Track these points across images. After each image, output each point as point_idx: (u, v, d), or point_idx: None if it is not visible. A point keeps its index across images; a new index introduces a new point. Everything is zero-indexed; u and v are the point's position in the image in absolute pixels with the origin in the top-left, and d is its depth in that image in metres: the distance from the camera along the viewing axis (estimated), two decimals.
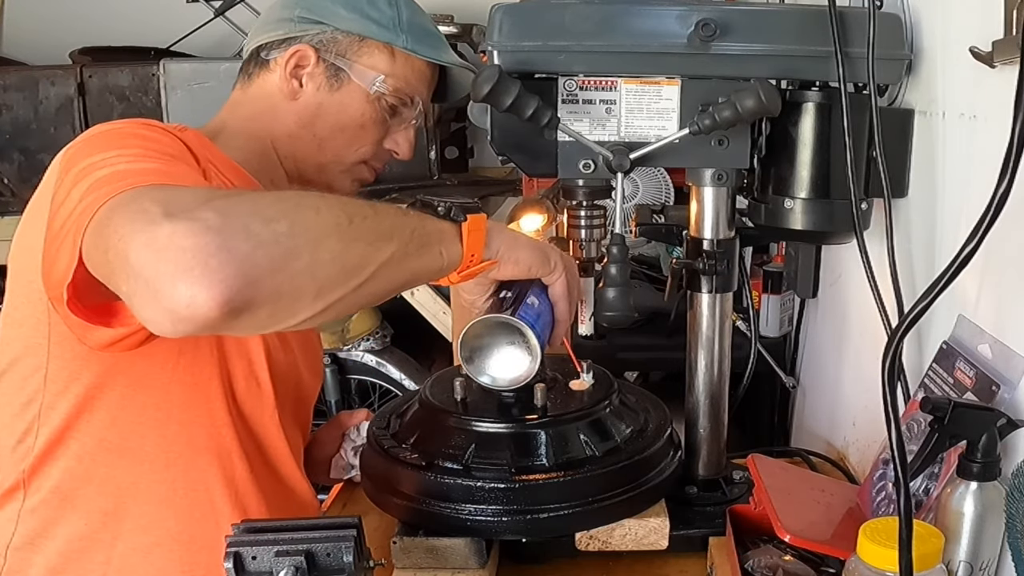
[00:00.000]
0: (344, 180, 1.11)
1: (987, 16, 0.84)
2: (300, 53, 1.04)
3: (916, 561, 0.69)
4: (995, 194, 0.62)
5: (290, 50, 1.04)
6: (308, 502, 1.15)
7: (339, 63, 1.04)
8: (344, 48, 1.04)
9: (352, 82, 1.04)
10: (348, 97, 1.05)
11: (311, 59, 1.04)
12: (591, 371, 1.06)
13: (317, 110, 1.05)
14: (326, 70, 1.04)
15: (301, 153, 1.07)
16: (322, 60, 1.04)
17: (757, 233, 1.11)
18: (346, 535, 0.76)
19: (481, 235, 0.87)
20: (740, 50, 0.95)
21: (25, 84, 2.23)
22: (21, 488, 1.00)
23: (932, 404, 0.80)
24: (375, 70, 1.04)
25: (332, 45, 1.04)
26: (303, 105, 1.05)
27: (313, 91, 1.05)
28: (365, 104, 1.05)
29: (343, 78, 1.04)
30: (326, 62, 1.04)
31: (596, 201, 1.02)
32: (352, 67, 1.04)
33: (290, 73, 1.04)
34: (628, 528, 0.97)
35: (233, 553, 0.74)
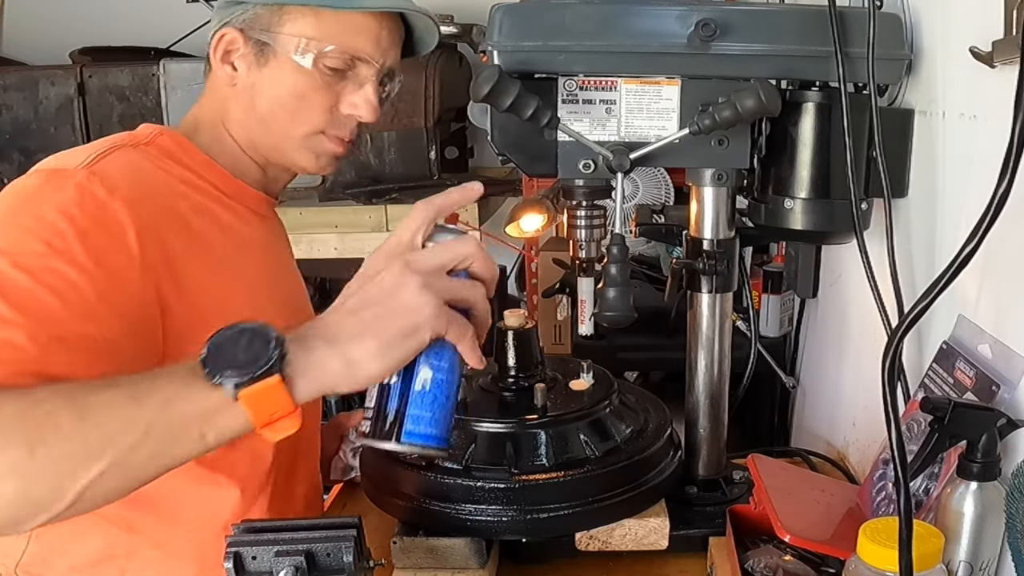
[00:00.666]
0: (304, 156, 1.04)
1: (987, 16, 0.84)
2: (226, 38, 1.00)
3: (916, 561, 0.69)
4: (995, 194, 0.62)
5: (216, 37, 1.00)
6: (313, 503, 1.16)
7: (263, 38, 0.99)
8: (266, 21, 0.98)
9: (279, 54, 0.98)
10: (278, 70, 0.99)
11: (238, 41, 0.99)
12: (591, 371, 1.06)
13: (253, 91, 1.00)
14: (253, 48, 0.99)
15: (255, 138, 1.03)
16: (249, 39, 0.99)
17: (757, 233, 1.11)
18: (346, 535, 0.76)
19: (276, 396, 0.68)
20: (740, 50, 0.95)
21: (25, 84, 2.23)
22: None
23: (932, 404, 0.80)
24: (299, 36, 0.97)
25: (256, 22, 0.99)
26: (241, 89, 1.01)
27: (246, 72, 1.00)
28: (296, 74, 0.98)
29: (268, 52, 0.99)
30: (252, 40, 0.99)
31: (596, 201, 1.02)
32: (276, 39, 0.98)
33: (222, 60, 1.00)
34: (628, 528, 0.97)
35: (233, 553, 0.74)
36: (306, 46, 0.98)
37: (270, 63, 0.99)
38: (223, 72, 1.01)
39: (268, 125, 1.02)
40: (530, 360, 1.05)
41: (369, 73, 1.01)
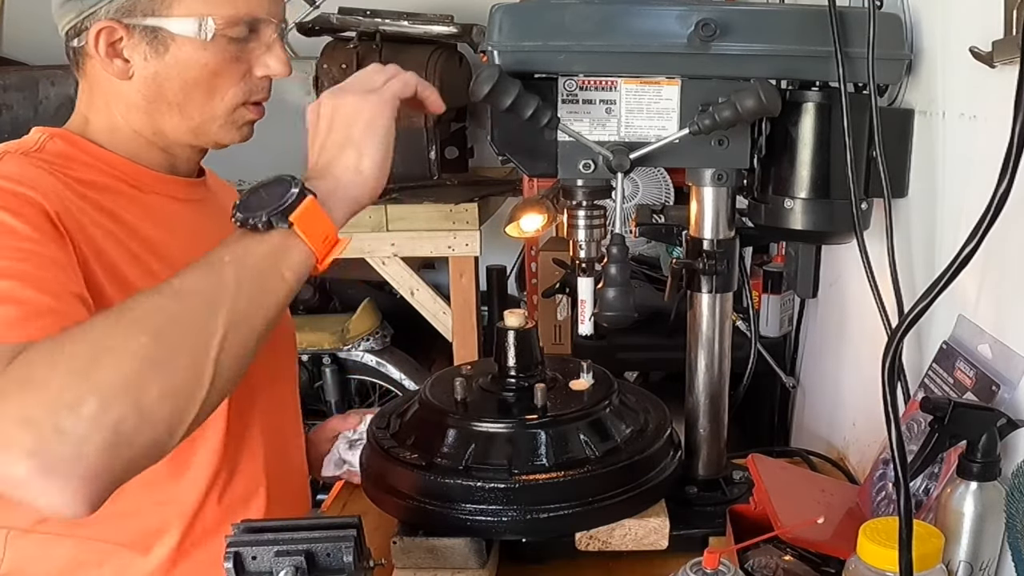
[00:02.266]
0: (227, 132, 1.00)
1: (987, 16, 0.84)
2: (106, 30, 0.92)
3: (916, 561, 0.69)
4: (995, 194, 0.62)
5: (92, 32, 0.92)
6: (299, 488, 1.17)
7: (152, 23, 0.92)
8: (148, 6, 0.92)
9: (177, 37, 0.93)
10: (181, 54, 0.93)
11: (120, 32, 0.93)
12: (591, 371, 1.06)
13: (157, 79, 0.94)
14: (143, 36, 0.93)
15: (166, 126, 0.98)
16: (132, 28, 0.92)
17: (757, 233, 1.11)
18: (346, 535, 0.76)
19: (318, 216, 0.79)
20: (740, 50, 0.95)
21: (25, 84, 2.23)
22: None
23: (932, 404, 0.80)
24: (195, 14, 0.92)
25: (134, 8, 0.92)
26: (141, 80, 0.95)
27: (142, 62, 0.94)
28: (203, 52, 0.93)
29: (164, 37, 0.93)
30: (138, 28, 0.92)
31: (596, 201, 1.02)
32: (168, 22, 0.92)
33: (107, 54, 0.94)
34: (628, 528, 0.97)
35: (233, 553, 0.74)
36: (204, 23, 0.92)
37: (170, 49, 0.93)
38: (112, 66, 0.94)
39: (184, 110, 0.97)
40: (530, 360, 1.05)
41: (271, 31, 0.98)
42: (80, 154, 0.96)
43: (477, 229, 2.10)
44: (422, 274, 2.28)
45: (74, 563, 0.98)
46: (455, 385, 1.00)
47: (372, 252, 2.13)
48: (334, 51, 2.22)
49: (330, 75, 2.19)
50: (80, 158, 0.96)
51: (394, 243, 2.11)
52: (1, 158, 0.90)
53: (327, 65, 2.21)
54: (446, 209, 2.09)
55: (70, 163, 0.94)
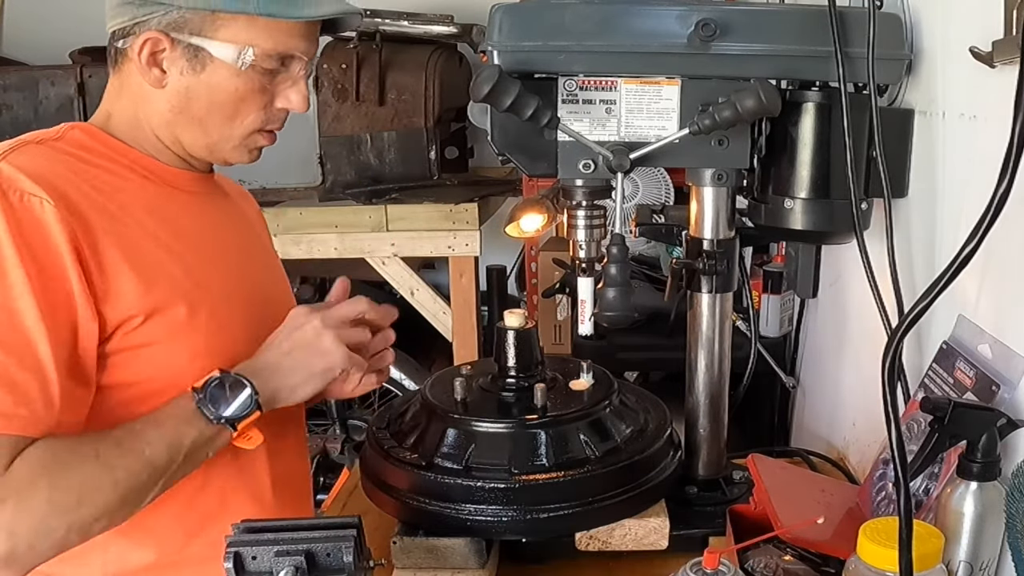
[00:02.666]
0: (238, 153, 1.05)
1: (987, 16, 0.84)
2: (152, 40, 0.96)
3: (916, 561, 0.69)
4: (995, 194, 0.62)
5: (140, 39, 0.96)
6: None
7: (196, 42, 0.96)
8: (197, 26, 0.96)
9: (216, 59, 0.97)
10: (216, 75, 0.98)
11: (165, 44, 0.96)
12: (591, 371, 1.06)
13: (187, 94, 0.99)
14: (184, 52, 0.97)
15: (185, 137, 1.02)
16: (177, 43, 0.96)
17: (757, 233, 1.11)
18: (346, 535, 0.76)
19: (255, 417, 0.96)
20: (740, 50, 0.95)
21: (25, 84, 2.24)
22: None
23: (932, 404, 0.80)
24: (236, 43, 0.96)
25: (183, 25, 0.96)
26: (172, 91, 0.99)
27: (177, 76, 0.98)
28: (236, 78, 0.98)
29: (204, 57, 0.97)
30: (182, 44, 0.96)
31: (596, 201, 1.02)
32: (211, 44, 0.96)
33: (147, 62, 0.97)
34: (628, 528, 0.97)
35: (233, 553, 0.74)
36: (245, 52, 0.97)
37: (207, 68, 0.98)
38: (149, 74, 0.98)
39: (205, 127, 1.01)
40: (530, 360, 1.05)
41: (300, 68, 1.02)
42: (98, 145, 1.00)
43: (477, 229, 2.10)
44: (422, 274, 2.28)
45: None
46: (455, 385, 1.00)
47: (372, 252, 2.13)
48: (334, 51, 2.22)
49: (330, 75, 2.20)
50: (98, 149, 0.99)
51: (394, 243, 2.11)
52: (18, 148, 0.94)
53: (327, 65, 2.21)
54: (446, 209, 2.09)
55: (88, 152, 0.98)
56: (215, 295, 1.01)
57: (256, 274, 1.13)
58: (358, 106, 2.16)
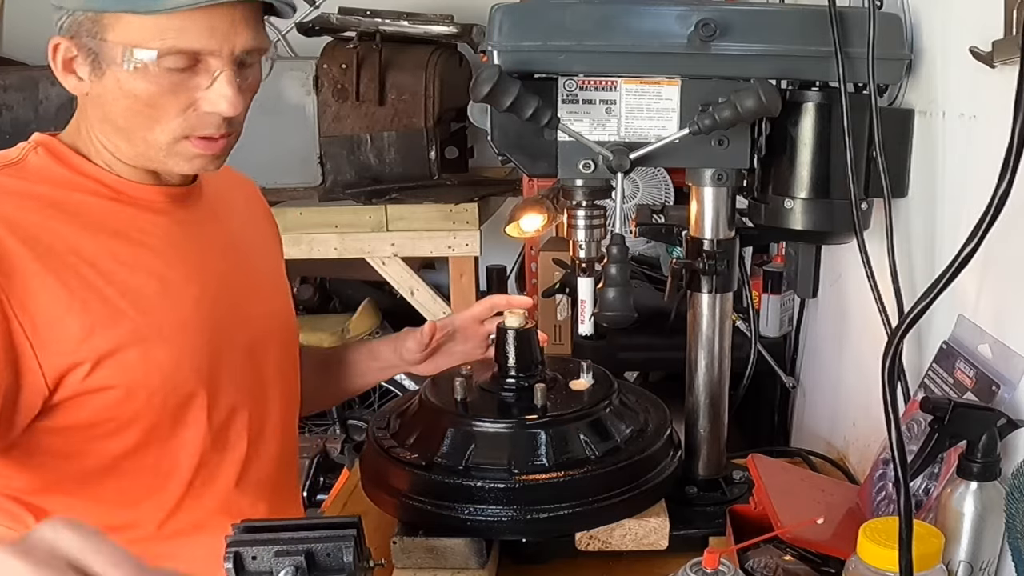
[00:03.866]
0: (175, 161, 0.95)
1: (987, 16, 0.84)
2: (62, 46, 0.90)
3: (916, 561, 0.69)
4: (995, 194, 0.62)
5: (51, 45, 0.91)
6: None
7: (91, 46, 0.89)
8: (89, 28, 0.88)
9: (112, 64, 0.89)
10: (116, 80, 0.89)
11: (72, 49, 0.90)
12: (591, 371, 1.06)
13: (101, 101, 0.92)
14: (87, 57, 0.90)
15: (119, 148, 0.95)
16: (81, 47, 0.90)
17: (757, 233, 1.11)
18: (346, 535, 0.76)
19: None
20: (740, 50, 0.95)
21: (25, 84, 2.23)
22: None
23: (932, 404, 0.80)
24: (123, 43, 0.87)
25: (80, 28, 0.89)
26: (93, 98, 0.93)
27: (89, 84, 0.92)
28: (136, 82, 0.89)
29: (101, 61, 0.89)
30: (84, 48, 0.90)
31: (596, 201, 1.02)
32: (102, 47, 0.88)
33: (63, 69, 0.92)
34: (628, 528, 0.97)
35: (233, 553, 0.74)
36: (132, 53, 0.88)
37: (106, 73, 0.90)
38: (67, 81, 0.93)
39: (127, 135, 0.94)
40: (530, 360, 1.05)
41: (218, 64, 0.90)
42: (59, 167, 0.95)
43: (477, 229, 2.10)
44: (422, 274, 2.28)
45: None
46: (455, 385, 1.00)
47: (372, 252, 2.13)
48: (334, 51, 2.22)
49: (330, 75, 2.19)
50: (57, 173, 0.95)
51: (394, 243, 2.11)
52: None
53: (327, 65, 2.21)
54: (446, 209, 2.09)
55: (43, 180, 0.93)
56: (174, 328, 0.95)
57: (234, 297, 1.05)
58: (358, 106, 2.16)
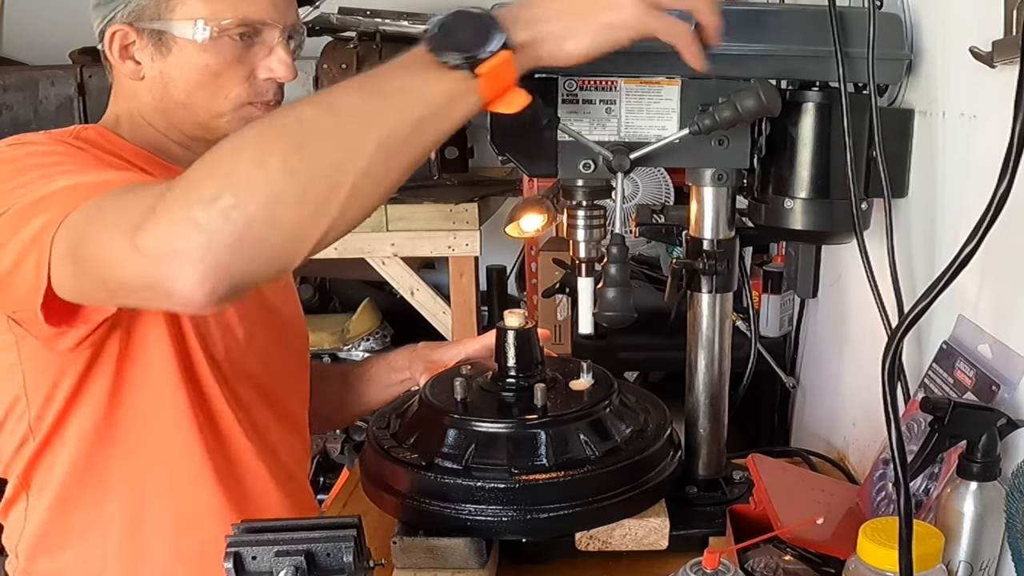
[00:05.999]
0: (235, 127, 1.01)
1: (987, 16, 0.84)
2: (119, 34, 1.00)
3: (916, 561, 0.69)
4: (995, 194, 0.62)
5: (108, 34, 1.00)
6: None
7: (157, 27, 0.99)
8: (154, 10, 0.98)
9: (178, 39, 0.99)
10: (183, 56, 0.99)
11: (132, 35, 1.00)
12: (591, 371, 1.06)
13: (163, 79, 1.01)
14: (150, 39, 1.00)
15: (177, 121, 1.04)
16: (142, 31, 0.99)
17: (757, 233, 1.11)
18: (346, 535, 0.76)
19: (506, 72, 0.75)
20: (740, 50, 0.95)
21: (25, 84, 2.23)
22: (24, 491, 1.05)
23: (932, 404, 0.80)
24: (192, 17, 0.98)
25: (143, 12, 0.99)
26: (151, 80, 1.01)
27: (150, 64, 1.01)
28: (204, 54, 0.99)
29: (168, 40, 0.99)
30: (146, 31, 0.99)
31: (596, 201, 1.01)
32: (170, 25, 0.98)
33: (120, 56, 1.01)
34: (628, 528, 0.97)
35: (233, 553, 0.74)
36: (203, 26, 0.98)
37: (172, 51, 0.99)
38: (125, 67, 1.01)
39: (190, 108, 1.02)
40: (530, 360, 1.04)
41: (274, 35, 1.01)
42: (108, 144, 1.02)
43: (477, 229, 2.10)
44: (422, 274, 2.28)
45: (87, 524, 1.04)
46: (455, 385, 1.00)
47: (372, 252, 2.13)
48: (334, 51, 2.22)
49: (330, 75, 2.19)
50: (108, 147, 1.01)
51: (394, 243, 2.11)
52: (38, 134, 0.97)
53: (327, 65, 2.21)
54: (446, 209, 2.09)
55: (102, 150, 1.00)
56: None
57: None
58: None
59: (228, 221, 0.67)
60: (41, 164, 0.86)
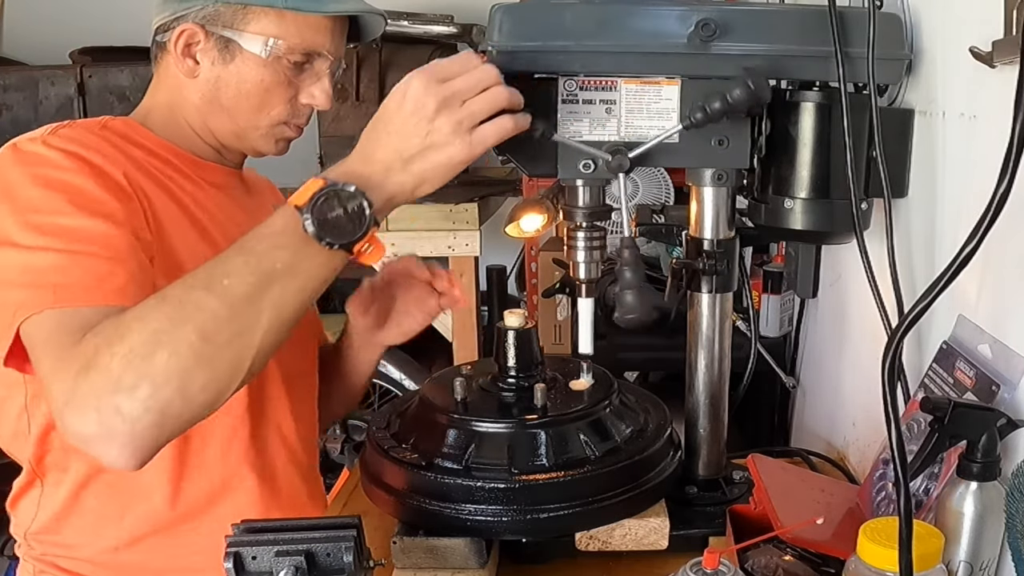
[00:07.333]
0: (266, 142, 1.11)
1: (987, 16, 0.84)
2: (187, 32, 1.04)
3: (916, 561, 0.69)
4: (995, 194, 0.62)
5: (177, 30, 1.04)
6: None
7: (227, 35, 1.04)
8: (229, 19, 1.03)
9: (244, 51, 1.04)
10: (244, 66, 1.05)
11: (199, 36, 1.04)
12: (591, 371, 1.06)
13: (217, 83, 1.06)
14: (216, 44, 1.04)
15: (214, 125, 1.09)
16: (211, 35, 1.04)
17: (757, 233, 1.11)
18: (346, 535, 0.76)
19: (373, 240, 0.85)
20: (740, 50, 0.95)
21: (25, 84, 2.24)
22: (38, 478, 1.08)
23: (932, 404, 0.80)
24: (264, 35, 1.03)
25: (217, 18, 1.04)
26: (203, 81, 1.06)
27: (209, 66, 1.05)
28: (263, 69, 1.05)
29: (234, 49, 1.04)
30: (215, 35, 1.04)
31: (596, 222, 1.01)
32: (241, 36, 1.04)
33: (182, 53, 1.05)
34: (628, 528, 0.97)
35: (233, 553, 0.75)
36: (272, 45, 1.04)
37: (236, 59, 1.05)
38: (183, 64, 1.05)
39: (232, 115, 1.07)
40: (530, 360, 1.05)
41: (325, 66, 1.08)
42: (136, 136, 1.06)
43: (477, 229, 2.10)
44: None
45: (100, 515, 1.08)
46: (455, 385, 1.00)
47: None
48: None
49: None
50: (136, 139, 1.06)
51: (394, 243, 2.11)
52: (73, 125, 1.01)
53: None
54: (446, 209, 2.09)
55: (127, 141, 1.04)
56: None
57: None
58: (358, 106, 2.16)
59: (148, 410, 0.78)
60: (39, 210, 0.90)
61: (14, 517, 1.13)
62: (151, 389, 0.77)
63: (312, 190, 0.82)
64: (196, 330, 0.79)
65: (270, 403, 1.16)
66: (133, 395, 0.77)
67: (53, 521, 1.09)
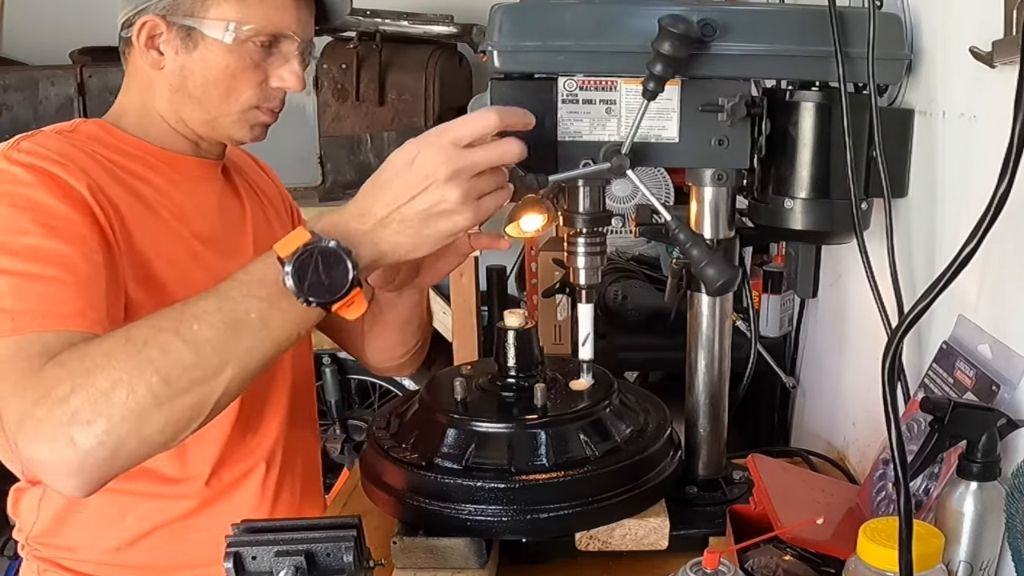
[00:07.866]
0: (239, 129, 1.09)
1: (987, 16, 0.84)
2: (149, 24, 1.04)
3: (916, 561, 0.69)
4: (995, 194, 0.62)
5: (139, 23, 1.04)
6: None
7: (188, 23, 1.03)
8: (189, 7, 1.03)
9: (207, 38, 1.03)
10: (208, 53, 1.04)
11: (161, 27, 1.04)
12: (591, 371, 1.06)
13: (183, 73, 1.05)
14: (178, 33, 1.04)
15: (186, 115, 1.08)
16: (172, 24, 1.03)
17: (757, 233, 1.11)
18: (346, 535, 0.76)
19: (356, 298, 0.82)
20: (740, 50, 0.95)
21: (25, 84, 2.24)
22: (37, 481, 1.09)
23: (932, 404, 0.80)
24: (224, 19, 1.02)
25: (177, 7, 1.03)
26: (169, 72, 1.05)
27: (173, 56, 1.05)
28: (227, 55, 1.04)
29: (196, 36, 1.03)
30: (176, 25, 1.03)
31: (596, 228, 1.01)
32: (202, 23, 1.03)
33: (146, 45, 1.04)
34: (628, 528, 0.97)
35: (233, 553, 0.75)
36: (233, 29, 1.02)
37: (199, 47, 1.04)
38: (147, 56, 1.05)
39: (202, 104, 1.06)
40: (530, 360, 1.05)
41: (292, 48, 1.07)
42: (109, 137, 1.06)
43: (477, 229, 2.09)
44: None
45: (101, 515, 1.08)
46: (455, 385, 1.00)
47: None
48: (334, 51, 2.23)
49: (330, 75, 2.20)
50: (108, 140, 1.05)
51: None
52: (37, 134, 1.01)
53: (327, 65, 2.21)
54: None
55: (99, 144, 1.04)
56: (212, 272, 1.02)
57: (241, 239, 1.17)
58: (358, 106, 2.16)
59: (101, 444, 0.78)
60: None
61: (16, 521, 1.14)
62: (107, 425, 0.78)
63: (297, 243, 0.79)
64: (158, 373, 0.79)
65: (270, 402, 1.16)
66: (88, 429, 0.78)
67: (54, 523, 1.09)
